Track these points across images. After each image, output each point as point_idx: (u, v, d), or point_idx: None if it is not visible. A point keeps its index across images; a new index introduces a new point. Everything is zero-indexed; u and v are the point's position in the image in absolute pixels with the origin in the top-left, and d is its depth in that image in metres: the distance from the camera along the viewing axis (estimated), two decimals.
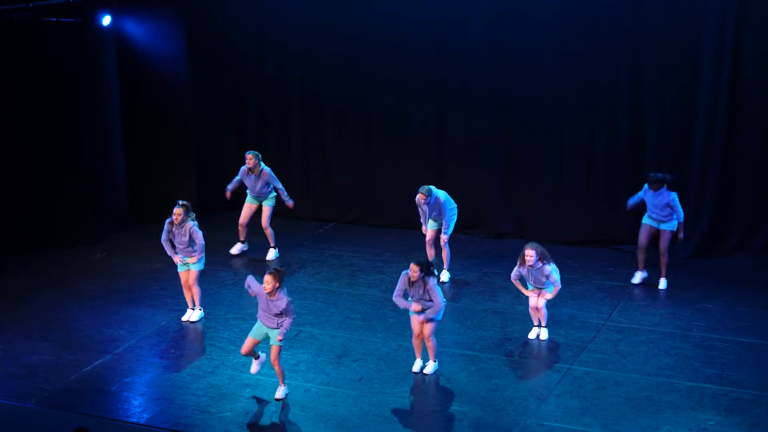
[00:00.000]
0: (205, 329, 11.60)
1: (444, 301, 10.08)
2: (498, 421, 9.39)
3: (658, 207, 12.33)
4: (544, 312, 11.09)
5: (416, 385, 10.16)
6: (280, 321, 9.64)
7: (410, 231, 14.07)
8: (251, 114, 16.03)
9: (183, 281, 11.75)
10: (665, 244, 12.48)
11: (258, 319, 9.79)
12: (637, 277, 12.83)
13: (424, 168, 14.90)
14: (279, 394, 9.83)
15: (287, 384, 9.94)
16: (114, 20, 15.03)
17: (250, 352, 9.93)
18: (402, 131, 15.20)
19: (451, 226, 12.74)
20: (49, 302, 12.43)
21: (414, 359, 10.46)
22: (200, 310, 11.84)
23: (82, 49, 14.47)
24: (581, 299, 12.36)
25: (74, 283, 13.11)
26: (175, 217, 11.43)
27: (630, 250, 13.89)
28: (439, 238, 12.79)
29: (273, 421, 9.48)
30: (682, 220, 12.44)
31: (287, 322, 9.65)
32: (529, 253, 10.72)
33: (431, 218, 12.78)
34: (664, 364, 10.53)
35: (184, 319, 11.80)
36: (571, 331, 11.37)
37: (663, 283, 12.69)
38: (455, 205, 12.80)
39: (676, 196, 12.30)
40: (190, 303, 11.83)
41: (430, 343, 10.25)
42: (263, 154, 13.93)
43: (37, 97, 14.29)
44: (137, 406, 9.79)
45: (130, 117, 15.64)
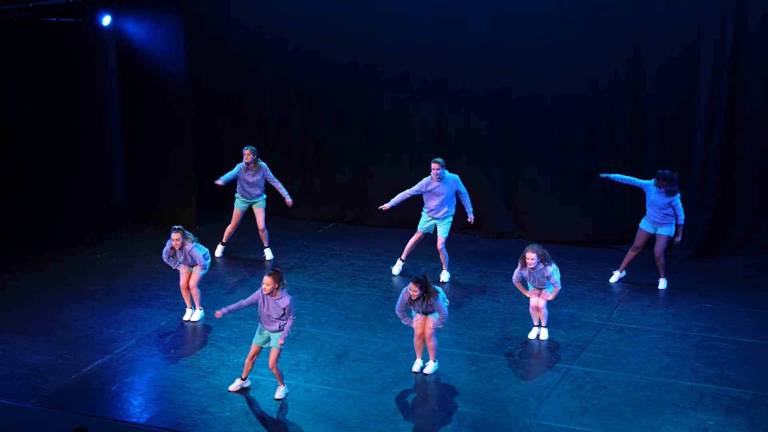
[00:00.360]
0: (205, 329, 11.60)
1: (447, 313, 10.16)
2: (498, 421, 9.39)
3: (659, 206, 12.30)
4: (544, 312, 11.09)
5: (416, 385, 10.17)
6: (282, 323, 9.64)
7: (410, 231, 14.03)
8: (251, 114, 16.03)
9: (182, 283, 11.75)
10: (661, 248, 12.43)
11: (259, 323, 9.79)
12: (614, 277, 12.85)
13: (425, 168, 14.87)
14: (279, 394, 9.83)
15: (287, 384, 9.94)
16: (114, 20, 15.05)
17: (253, 359, 9.88)
18: (402, 131, 15.20)
19: (471, 206, 12.93)
20: (49, 302, 12.43)
21: (414, 359, 10.47)
22: (200, 311, 11.85)
23: (82, 49, 14.47)
24: (581, 299, 12.36)
25: (74, 283, 13.10)
26: (174, 243, 11.44)
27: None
28: (436, 240, 12.84)
29: (273, 421, 9.48)
30: (682, 223, 12.41)
31: (288, 324, 9.65)
32: (530, 256, 10.72)
33: (429, 214, 12.76)
34: (664, 364, 10.53)
35: (184, 319, 11.81)
36: (571, 331, 11.37)
37: (663, 283, 12.68)
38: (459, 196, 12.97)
39: (678, 197, 12.29)
40: (188, 303, 11.84)
41: (431, 343, 10.26)
42: (263, 154, 13.97)
43: (36, 98, 14.28)
44: (137, 406, 9.79)
45: (130, 117, 15.65)
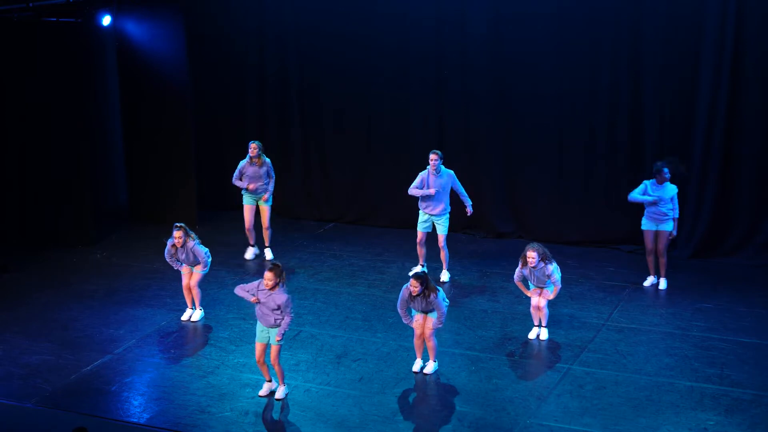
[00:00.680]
0: (205, 329, 11.60)
1: (445, 311, 10.15)
2: (498, 421, 9.39)
3: (665, 200, 12.26)
4: (545, 311, 11.09)
5: (416, 385, 10.16)
6: (278, 317, 9.61)
7: (410, 231, 14.04)
8: (251, 114, 16.03)
9: (184, 283, 11.76)
10: (664, 244, 12.46)
11: (257, 320, 9.78)
12: (648, 281, 12.82)
13: (425, 168, 14.87)
14: (279, 394, 9.83)
15: (287, 384, 9.94)
16: (114, 20, 15.06)
17: (262, 359, 9.86)
18: (402, 131, 15.20)
19: (469, 200, 12.90)
20: (49, 302, 12.43)
21: (414, 359, 10.46)
22: (201, 310, 11.85)
23: (82, 49, 14.47)
24: (581, 299, 12.36)
25: (74, 283, 13.10)
26: (176, 240, 11.45)
27: (630, 250, 13.93)
28: (437, 239, 12.83)
29: (273, 421, 9.48)
30: (678, 216, 12.46)
31: (285, 321, 9.63)
32: (531, 255, 10.72)
33: (426, 211, 12.76)
34: (664, 364, 10.53)
35: (183, 318, 11.80)
36: (571, 331, 11.36)
37: (663, 283, 12.69)
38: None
39: (676, 190, 12.33)
40: (189, 303, 11.84)
41: (431, 343, 10.26)
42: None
43: (36, 98, 14.28)
44: (137, 406, 9.79)
45: (130, 117, 15.66)
